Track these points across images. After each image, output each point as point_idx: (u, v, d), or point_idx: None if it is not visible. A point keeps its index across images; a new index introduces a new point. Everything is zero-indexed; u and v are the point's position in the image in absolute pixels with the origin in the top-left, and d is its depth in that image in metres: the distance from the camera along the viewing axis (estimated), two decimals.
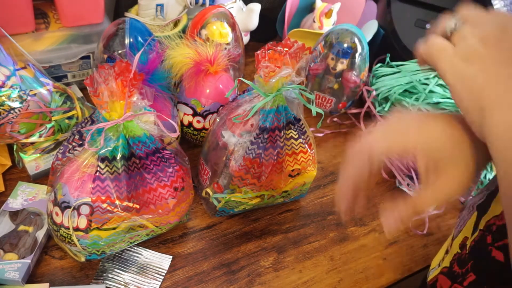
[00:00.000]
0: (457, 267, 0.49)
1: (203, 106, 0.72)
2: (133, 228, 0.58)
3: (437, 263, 0.56)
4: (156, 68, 0.66)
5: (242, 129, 0.63)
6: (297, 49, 0.59)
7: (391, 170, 0.82)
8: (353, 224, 0.73)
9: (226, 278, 0.63)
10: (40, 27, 0.77)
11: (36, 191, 0.66)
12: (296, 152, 0.65)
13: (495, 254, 0.43)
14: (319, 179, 0.79)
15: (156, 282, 0.61)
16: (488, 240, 0.44)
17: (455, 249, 0.51)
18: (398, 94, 0.83)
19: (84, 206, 0.55)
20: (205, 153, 0.68)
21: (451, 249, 0.53)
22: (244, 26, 0.92)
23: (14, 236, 0.60)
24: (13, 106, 0.64)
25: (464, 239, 0.50)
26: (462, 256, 0.49)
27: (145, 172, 0.57)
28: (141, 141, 0.56)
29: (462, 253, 0.49)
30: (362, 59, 0.83)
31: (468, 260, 0.47)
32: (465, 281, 0.47)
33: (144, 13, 0.89)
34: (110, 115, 0.54)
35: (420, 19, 0.92)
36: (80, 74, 0.83)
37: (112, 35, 0.71)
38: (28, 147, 0.69)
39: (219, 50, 0.70)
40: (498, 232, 0.44)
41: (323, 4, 0.94)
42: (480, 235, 0.46)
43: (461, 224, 0.53)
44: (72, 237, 0.56)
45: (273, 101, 0.61)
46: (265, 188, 0.66)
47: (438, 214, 0.76)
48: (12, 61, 0.66)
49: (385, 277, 0.67)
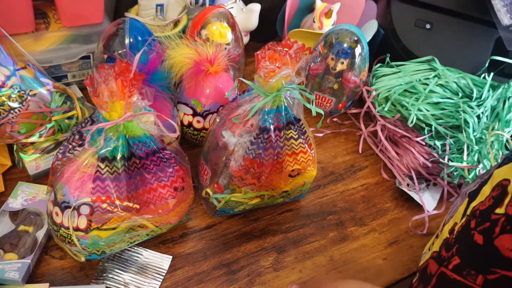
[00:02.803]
0: (444, 251, 0.51)
1: (203, 106, 0.72)
2: (133, 228, 0.58)
3: (427, 248, 0.57)
4: (156, 68, 0.66)
5: (242, 129, 0.63)
6: (297, 49, 0.59)
7: (391, 170, 0.82)
8: (353, 224, 0.73)
9: (226, 278, 0.63)
10: (40, 27, 0.77)
11: (36, 191, 0.66)
12: (296, 152, 0.65)
13: (477, 238, 0.45)
14: (319, 179, 0.79)
15: (156, 282, 0.61)
16: (472, 224, 0.46)
17: (445, 234, 0.52)
18: (398, 94, 0.83)
19: (84, 206, 0.55)
20: (205, 153, 0.68)
21: (441, 234, 0.54)
22: (244, 26, 0.92)
23: (14, 236, 0.60)
24: (13, 106, 0.64)
25: (453, 225, 0.51)
26: (449, 240, 0.50)
27: (145, 172, 0.57)
28: (141, 141, 0.56)
29: (449, 238, 0.51)
30: (362, 59, 0.83)
31: (453, 244, 0.49)
32: (450, 264, 0.48)
33: (144, 13, 0.89)
34: (110, 115, 0.54)
35: (420, 19, 0.91)
36: (80, 74, 0.83)
37: (112, 35, 0.71)
38: (28, 147, 0.69)
39: (219, 50, 0.70)
40: (480, 217, 0.45)
41: (323, 4, 0.94)
42: (466, 221, 0.48)
43: (453, 211, 0.54)
44: (72, 237, 0.56)
45: (273, 101, 0.61)
46: (265, 188, 0.66)
47: (438, 214, 0.77)
48: (12, 61, 0.66)
49: (385, 277, 0.67)
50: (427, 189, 0.80)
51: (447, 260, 0.49)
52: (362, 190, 0.79)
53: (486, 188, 0.47)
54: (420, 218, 0.75)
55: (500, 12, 0.85)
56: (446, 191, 0.78)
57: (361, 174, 0.82)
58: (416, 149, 0.79)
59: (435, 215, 0.76)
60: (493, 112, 0.81)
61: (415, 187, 0.78)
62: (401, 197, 0.79)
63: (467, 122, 0.77)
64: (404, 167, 0.79)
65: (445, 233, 0.53)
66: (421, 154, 0.78)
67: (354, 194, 0.78)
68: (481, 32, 0.91)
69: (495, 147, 0.77)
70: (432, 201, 0.78)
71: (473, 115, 0.77)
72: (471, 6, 0.91)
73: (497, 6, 0.85)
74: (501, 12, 0.85)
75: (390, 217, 0.75)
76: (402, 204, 0.78)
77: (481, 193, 0.48)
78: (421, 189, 0.79)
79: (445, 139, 0.78)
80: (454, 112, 0.79)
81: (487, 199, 0.45)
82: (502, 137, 0.78)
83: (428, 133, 0.79)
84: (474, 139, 0.76)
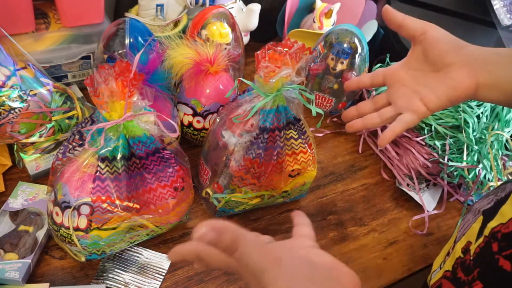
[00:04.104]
0: (462, 273, 0.48)
1: (203, 106, 0.72)
2: (133, 228, 0.59)
3: (438, 265, 0.56)
4: (156, 68, 0.66)
5: (242, 129, 0.63)
6: (297, 49, 0.59)
7: (391, 170, 0.82)
8: (353, 224, 0.73)
9: (226, 278, 0.63)
10: (40, 27, 0.77)
11: (36, 191, 0.66)
12: (296, 152, 0.65)
13: (503, 263, 0.42)
14: (319, 179, 0.79)
15: (156, 282, 0.61)
16: (494, 248, 0.44)
17: (458, 253, 0.50)
18: None
19: (84, 206, 0.55)
20: (205, 153, 0.68)
21: (453, 252, 0.52)
22: (244, 26, 0.92)
23: (15, 236, 0.60)
24: (14, 106, 0.64)
25: (467, 243, 0.49)
26: (467, 262, 0.48)
27: (145, 172, 0.57)
28: (141, 141, 0.56)
29: (465, 258, 0.49)
30: (362, 59, 0.83)
31: (473, 268, 0.46)
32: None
33: (144, 13, 0.89)
34: (110, 115, 0.54)
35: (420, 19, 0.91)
36: (80, 74, 0.83)
37: (112, 35, 0.71)
38: (28, 147, 0.69)
39: (219, 50, 0.70)
40: (505, 240, 0.43)
41: (323, 4, 0.94)
42: (485, 242, 0.45)
43: (465, 228, 0.52)
44: (72, 237, 0.56)
45: (273, 101, 0.61)
46: (265, 188, 0.66)
47: (438, 214, 0.77)
48: (12, 61, 0.66)
49: (385, 277, 0.67)
50: (427, 189, 0.80)
51: (468, 284, 0.47)
52: (362, 190, 0.79)
53: (507, 208, 0.45)
54: (420, 218, 0.75)
55: (500, 12, 0.86)
56: (446, 191, 0.78)
57: (361, 174, 0.82)
58: (416, 149, 0.79)
59: (435, 215, 0.76)
60: (493, 112, 0.81)
61: (415, 187, 0.78)
62: (401, 197, 0.79)
63: (466, 122, 0.77)
64: (404, 167, 0.79)
65: (457, 251, 0.51)
66: (421, 154, 0.78)
67: (354, 194, 0.78)
68: (481, 32, 0.91)
69: (495, 147, 0.77)
70: (432, 201, 0.78)
71: (472, 115, 0.77)
72: (471, 6, 0.91)
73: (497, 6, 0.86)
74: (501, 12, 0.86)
75: (390, 217, 0.75)
76: (402, 204, 0.78)
77: (500, 213, 0.45)
78: (421, 189, 0.79)
79: (445, 139, 0.78)
80: (454, 112, 0.79)
81: (511, 222, 0.43)
82: (502, 137, 0.78)
83: (428, 133, 0.79)
84: (474, 139, 0.76)
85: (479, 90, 0.55)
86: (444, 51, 0.57)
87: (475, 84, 0.55)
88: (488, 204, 0.50)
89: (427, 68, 0.59)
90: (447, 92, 0.57)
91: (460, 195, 0.79)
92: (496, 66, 0.55)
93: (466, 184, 0.78)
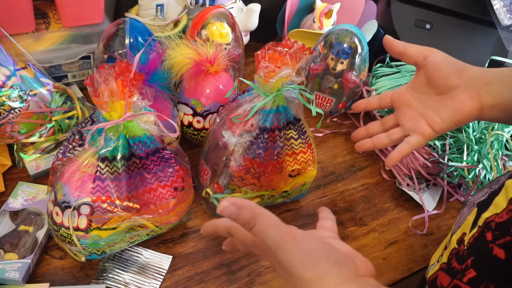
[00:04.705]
0: (456, 263, 0.49)
1: (203, 106, 0.72)
2: (133, 228, 0.59)
3: (436, 259, 0.56)
4: (156, 68, 0.66)
5: (242, 129, 0.63)
6: (297, 49, 0.59)
7: (391, 170, 0.82)
8: (353, 224, 0.73)
9: (226, 278, 0.63)
10: (40, 27, 0.77)
11: (36, 191, 0.66)
12: (296, 152, 0.65)
13: (497, 251, 0.43)
14: (319, 179, 0.79)
15: (156, 282, 0.61)
16: (488, 237, 0.45)
17: (453, 245, 0.51)
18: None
19: (84, 206, 0.55)
20: (205, 153, 0.68)
21: (449, 245, 0.53)
22: (244, 26, 0.92)
23: (15, 236, 0.60)
24: (14, 106, 0.64)
25: (462, 235, 0.50)
26: (461, 252, 0.49)
27: (145, 172, 0.57)
28: (141, 141, 0.56)
29: (459, 249, 0.49)
30: (362, 59, 0.83)
31: (467, 257, 0.47)
32: (464, 277, 0.47)
33: (144, 13, 0.89)
34: (110, 115, 0.54)
35: (420, 19, 0.91)
36: (80, 74, 0.83)
37: (112, 35, 0.71)
38: (28, 147, 0.69)
39: (219, 50, 0.70)
40: (499, 229, 0.44)
41: (323, 4, 0.94)
42: (479, 232, 0.46)
43: (461, 221, 0.53)
44: (72, 237, 0.56)
45: (273, 101, 0.61)
46: (265, 188, 0.66)
47: (438, 214, 0.77)
48: (12, 61, 0.66)
49: (385, 277, 0.67)
50: (427, 189, 0.80)
51: (461, 273, 0.48)
52: (362, 190, 0.79)
53: (500, 199, 0.46)
54: (420, 218, 0.75)
55: (500, 12, 0.85)
56: (446, 191, 0.78)
57: (361, 174, 0.82)
58: (416, 149, 0.79)
59: (435, 215, 0.76)
60: None
61: (415, 187, 0.78)
62: (401, 197, 0.79)
63: None
64: (404, 167, 0.79)
65: (453, 243, 0.52)
66: (421, 154, 0.78)
67: (354, 194, 0.78)
68: (481, 32, 0.91)
69: (495, 147, 0.77)
70: (432, 201, 0.78)
71: None
72: (471, 6, 0.91)
73: (497, 6, 0.85)
74: (501, 12, 0.85)
75: (390, 217, 0.75)
76: (402, 204, 0.78)
77: (494, 203, 0.46)
78: (421, 189, 0.79)
79: (445, 139, 0.78)
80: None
81: (504, 212, 0.44)
82: (502, 137, 0.78)
83: None
84: (474, 139, 0.76)
85: (483, 111, 0.58)
86: (446, 74, 0.59)
87: (478, 106, 0.57)
88: (482, 196, 0.51)
89: (432, 91, 0.61)
90: (452, 115, 0.59)
91: (460, 195, 0.79)
92: (498, 86, 0.57)
93: (466, 184, 0.78)
